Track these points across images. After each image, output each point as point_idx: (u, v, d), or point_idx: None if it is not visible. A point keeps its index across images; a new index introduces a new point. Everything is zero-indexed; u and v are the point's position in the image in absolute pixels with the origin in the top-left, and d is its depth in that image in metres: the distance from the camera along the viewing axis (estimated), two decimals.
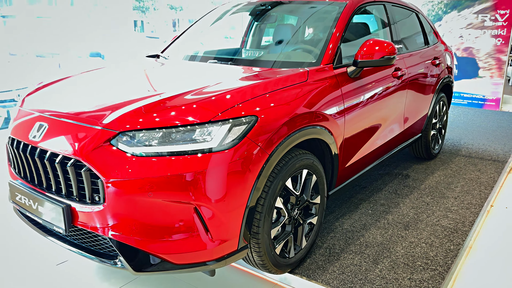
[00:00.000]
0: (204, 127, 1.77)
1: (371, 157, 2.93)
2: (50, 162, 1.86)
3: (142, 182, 1.69)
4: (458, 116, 6.22)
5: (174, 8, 27.69)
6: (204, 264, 1.82)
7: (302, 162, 2.13)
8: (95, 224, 1.77)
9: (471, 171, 3.83)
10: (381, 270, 2.28)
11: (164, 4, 20.92)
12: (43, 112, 2.04)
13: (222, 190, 1.76)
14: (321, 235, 2.63)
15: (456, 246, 2.53)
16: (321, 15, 2.94)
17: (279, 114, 1.98)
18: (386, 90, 2.92)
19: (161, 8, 20.77)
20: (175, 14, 18.50)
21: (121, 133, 1.76)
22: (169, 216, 1.74)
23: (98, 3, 10.87)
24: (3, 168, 2.39)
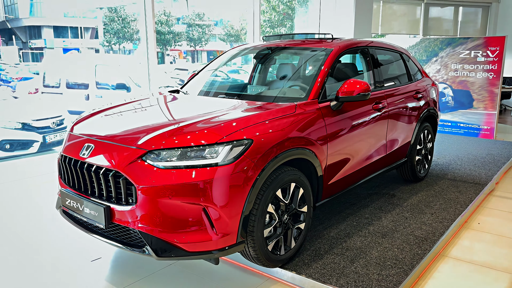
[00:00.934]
0: (212, 147, 2.35)
1: (354, 177, 3.45)
2: (95, 173, 2.46)
3: (164, 187, 2.27)
4: (452, 144, 6.68)
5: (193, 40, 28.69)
6: (210, 253, 2.36)
7: (290, 177, 2.68)
8: (128, 220, 2.35)
9: (451, 192, 4.29)
10: (355, 267, 2.77)
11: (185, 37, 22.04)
12: (90, 136, 2.66)
13: (224, 195, 2.32)
14: (310, 240, 3.14)
15: (423, 251, 3.00)
16: (311, 58, 3.54)
17: (270, 138, 2.55)
18: (366, 121, 3.47)
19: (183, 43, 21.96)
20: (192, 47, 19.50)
21: (149, 152, 2.35)
22: (184, 213, 2.30)
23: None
24: (39, 182, 3.00)
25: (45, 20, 34.59)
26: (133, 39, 25.54)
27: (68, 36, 36.00)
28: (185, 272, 2.87)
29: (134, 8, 22.40)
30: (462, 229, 3.60)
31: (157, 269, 2.91)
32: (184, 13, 30.02)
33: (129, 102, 3.33)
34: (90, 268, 2.92)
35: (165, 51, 37.35)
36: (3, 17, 33.18)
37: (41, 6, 34.20)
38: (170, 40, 37.00)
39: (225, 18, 28.28)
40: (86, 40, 34.86)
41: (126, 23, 28.57)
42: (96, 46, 32.36)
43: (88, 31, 34.31)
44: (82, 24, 34.65)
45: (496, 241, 3.38)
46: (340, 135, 3.14)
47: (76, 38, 35.41)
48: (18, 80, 14.51)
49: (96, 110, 3.15)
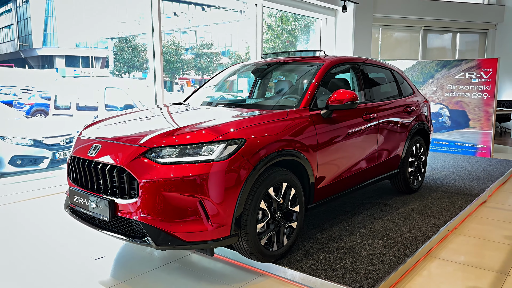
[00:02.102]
0: (208, 145, 2.58)
1: (345, 183, 3.64)
2: (101, 170, 2.68)
3: (164, 181, 2.48)
4: (449, 161, 6.83)
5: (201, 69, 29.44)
6: (206, 243, 2.54)
7: (282, 176, 2.89)
8: (130, 212, 2.55)
9: (443, 202, 4.44)
10: (344, 263, 2.92)
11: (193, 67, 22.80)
12: (97, 137, 2.91)
13: (219, 189, 2.53)
14: (302, 241, 3.30)
15: (410, 251, 3.14)
16: (305, 72, 3.81)
17: (262, 139, 2.77)
18: (357, 130, 3.69)
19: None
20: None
21: (151, 149, 2.58)
22: (182, 205, 2.50)
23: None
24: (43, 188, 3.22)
25: (57, 50, 35.73)
26: (142, 68, 26.30)
27: (80, 65, 37.06)
28: (183, 269, 3.04)
29: (144, 38, 23.21)
30: (451, 234, 3.73)
31: (157, 266, 3.08)
32: (193, 44, 30.93)
33: (134, 111, 3.60)
34: (94, 266, 3.10)
35: (173, 80, 38.19)
36: (17, 47, 34.38)
37: (54, 36, 35.42)
38: (178, 69, 37.90)
39: (232, 48, 29.10)
40: (96, 69, 35.84)
41: (136, 52, 29.47)
42: (106, 75, 33.18)
43: (99, 60, 35.36)
44: (93, 54, 35.73)
45: (484, 245, 3.51)
46: (330, 143, 3.35)
47: (87, 67, 36.45)
48: (31, 106, 15.01)
49: (103, 118, 3.41)
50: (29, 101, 15.65)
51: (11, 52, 34.88)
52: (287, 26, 14.93)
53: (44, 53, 34.77)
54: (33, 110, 14.68)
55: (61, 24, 35.16)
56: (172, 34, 30.55)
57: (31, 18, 35.32)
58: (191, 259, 3.19)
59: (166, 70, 34.79)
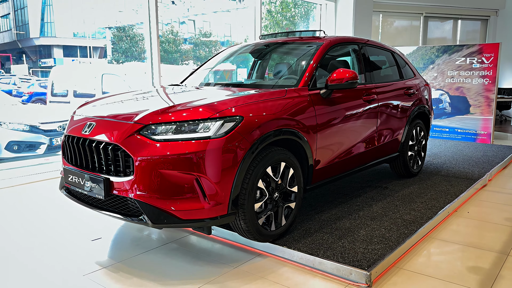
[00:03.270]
0: (205, 122, 2.53)
1: (344, 165, 3.59)
2: (96, 148, 2.63)
3: (159, 159, 2.43)
4: (449, 147, 6.79)
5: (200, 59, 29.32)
6: (203, 221, 2.50)
7: (280, 156, 2.84)
8: (126, 190, 2.50)
9: (443, 185, 4.40)
10: (343, 243, 2.88)
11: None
12: (92, 116, 2.85)
13: (216, 167, 2.48)
14: (301, 222, 3.26)
15: (410, 231, 3.11)
16: (305, 52, 3.74)
17: (260, 117, 2.72)
18: (356, 111, 3.63)
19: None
20: None
21: (146, 126, 2.53)
22: (178, 183, 2.46)
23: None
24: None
25: (55, 39, 35.41)
26: (141, 58, 26.13)
27: (78, 55, 36.84)
28: (181, 249, 3.00)
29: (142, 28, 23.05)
30: (452, 216, 3.70)
31: (153, 246, 3.04)
32: (191, 33, 30.69)
33: (130, 92, 3.53)
34: (91, 246, 3.06)
35: None
36: (15, 37, 34.03)
37: (51, 26, 35.08)
38: (177, 59, 37.65)
39: (231, 38, 28.88)
40: (95, 59, 35.62)
41: (134, 42, 29.26)
42: (105, 65, 32.91)
43: (97, 50, 35.12)
44: (91, 44, 35.44)
45: (484, 226, 3.48)
46: (330, 123, 3.30)
47: (85, 57, 36.22)
48: (30, 95, 14.92)
49: (98, 97, 3.35)
50: (28, 90, 15.55)
51: (8, 42, 34.60)
52: (286, 13, 14.80)
53: (41, 42, 34.51)
54: (32, 100, 14.59)
55: (59, 13, 34.86)
56: (170, 24, 30.31)
57: (28, 7, 34.99)
58: (189, 240, 3.16)
59: (164, 60, 34.57)
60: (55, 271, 2.68)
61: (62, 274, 2.64)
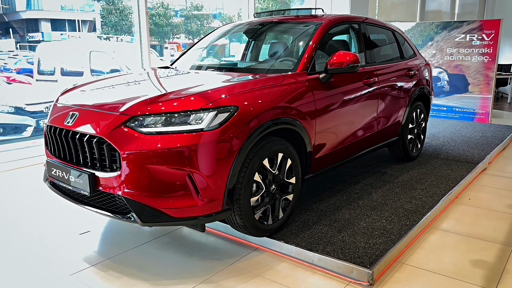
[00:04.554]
0: (197, 113, 2.34)
1: (344, 152, 3.44)
2: (79, 141, 2.45)
3: (148, 153, 2.26)
4: (447, 127, 6.67)
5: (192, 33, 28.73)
6: (196, 218, 2.35)
7: (277, 146, 2.67)
8: (113, 186, 2.34)
9: (443, 170, 4.28)
10: (343, 236, 2.76)
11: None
12: (75, 105, 2.65)
13: (209, 161, 2.32)
14: (299, 213, 3.14)
15: (411, 222, 3.00)
16: (302, 32, 3.52)
17: (256, 106, 2.54)
18: (357, 96, 3.46)
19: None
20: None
21: (133, 117, 2.34)
22: (169, 179, 2.29)
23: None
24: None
25: (42, 13, 34.34)
26: (131, 32, 25.45)
27: (66, 29, 35.87)
28: (174, 243, 2.87)
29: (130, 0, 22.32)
30: (453, 204, 3.60)
31: (145, 240, 2.91)
32: (182, 6, 29.85)
33: (116, 76, 3.32)
34: (79, 241, 2.92)
35: (163, 44, 37.15)
36: (0, 10, 32.95)
37: None
38: (168, 33, 36.80)
39: (224, 11, 28.14)
40: (84, 33, 34.68)
41: (124, 15, 28.45)
42: (94, 40, 32.12)
43: (86, 24, 34.14)
44: (80, 17, 34.43)
45: (486, 215, 3.38)
46: (329, 109, 3.12)
47: (74, 31, 35.25)
48: (17, 71, 14.47)
49: (83, 82, 3.14)
50: (15, 67, 15.07)
51: None
52: None
53: (28, 16, 33.42)
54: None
55: None
56: None
57: None
58: (181, 233, 3.03)
59: (155, 33, 33.80)
60: (39, 271, 2.53)
61: (46, 274, 2.50)
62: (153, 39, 34.09)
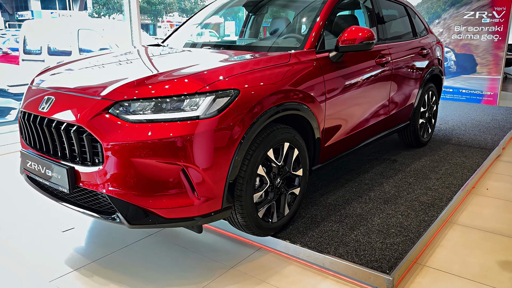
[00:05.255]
0: (192, 97, 2.01)
1: (354, 139, 3.13)
2: (56, 130, 2.11)
3: (135, 145, 1.93)
4: (455, 110, 6.36)
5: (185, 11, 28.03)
6: (192, 219, 2.05)
7: (283, 135, 2.35)
8: (95, 183, 2.02)
9: (457, 157, 4.00)
10: (356, 235, 2.48)
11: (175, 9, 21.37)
12: (51, 88, 2.30)
13: (207, 154, 1.99)
14: (305, 207, 2.84)
15: (430, 218, 2.72)
16: (309, 6, 3.16)
17: (260, 89, 2.20)
18: (369, 76, 3.13)
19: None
20: None
21: (117, 103, 2.00)
22: (160, 175, 1.97)
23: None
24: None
25: None
26: (122, 10, 24.69)
27: (56, 7, 34.82)
28: (167, 243, 2.58)
29: None
30: (470, 194, 3.32)
31: (135, 239, 2.61)
32: None
33: (101, 54, 2.96)
34: (61, 239, 2.62)
35: (156, 23, 36.17)
36: None
37: None
38: (161, 11, 35.79)
39: None
40: (75, 11, 33.70)
41: None
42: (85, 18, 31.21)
43: (76, 2, 33.12)
44: None
45: (507, 207, 3.11)
46: (340, 92, 2.80)
47: (65, 9, 34.24)
48: (4, 51, 13.88)
49: (63, 62, 2.78)
50: (3, 46, 14.48)
51: None
52: None
53: None
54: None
55: None
56: None
57: None
58: (175, 230, 2.73)
59: (147, 11, 32.86)
60: (14, 277, 2.23)
61: (23, 280, 2.20)
62: (146, 17, 33.18)
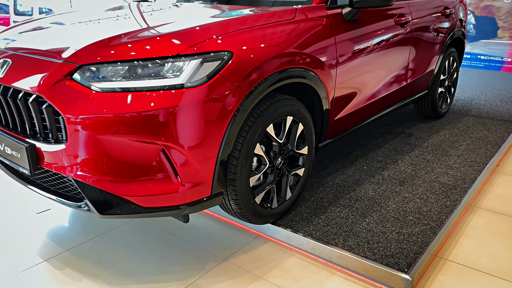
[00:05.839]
0: (174, 61, 1.63)
1: (368, 111, 2.76)
2: (13, 99, 1.76)
3: (104, 119, 1.58)
4: (473, 78, 5.91)
5: None
6: (177, 208, 1.73)
7: (285, 108, 1.99)
8: (59, 164, 1.68)
9: (479, 130, 3.62)
10: (368, 223, 2.16)
11: None
12: (9, 48, 1.92)
13: (193, 131, 1.64)
14: (310, 189, 2.52)
15: (452, 203, 2.38)
16: None
17: (259, 52, 1.82)
18: (388, 38, 2.71)
19: None
20: None
21: (82, 67, 1.64)
22: (135, 156, 1.63)
23: None
24: None
25: None
26: None
27: None
28: (153, 229, 2.27)
29: None
30: (495, 173, 2.97)
31: (118, 224, 2.31)
32: None
33: (74, 11, 2.55)
34: (36, 222, 2.32)
35: None
36: None
37: None
38: None
39: None
40: None
41: None
42: None
43: None
44: None
45: None
46: (354, 56, 2.40)
47: None
48: None
49: (28, 20, 2.38)
50: None
51: None
52: None
53: None
54: None
55: None
56: None
57: None
58: None
59: None
60: None
61: None
62: None
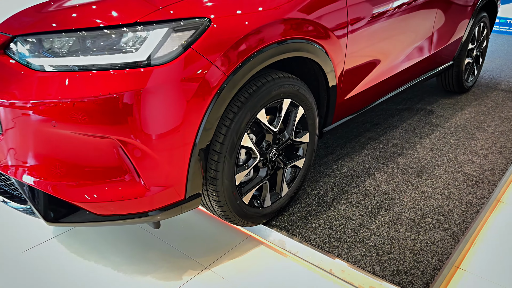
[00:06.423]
0: (133, 30, 1.26)
1: (384, 87, 2.37)
2: None
3: (46, 106, 1.23)
4: (501, 45, 5.37)
5: None
6: (144, 215, 1.41)
7: (281, 89, 1.62)
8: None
9: (509, 108, 3.20)
10: (378, 226, 1.82)
11: None
12: None
13: (157, 121, 1.29)
14: (312, 179, 2.18)
15: (479, 200, 2.03)
16: None
17: (244, 18, 1.43)
18: (410, 0, 2.27)
19: None
20: None
21: (17, 38, 1.28)
22: (88, 153, 1.30)
23: None
24: None
25: None
26: None
27: None
28: (130, 227, 1.97)
29: None
30: None
31: None
32: None
33: None
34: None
35: None
36: None
37: None
38: None
39: None
40: None
41: None
42: None
43: None
44: None
45: None
46: (369, 22, 1.98)
47: None
48: None
49: None
50: None
51: None
52: None
53: None
54: None
55: None
56: None
57: None
58: None
59: None
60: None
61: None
62: None
